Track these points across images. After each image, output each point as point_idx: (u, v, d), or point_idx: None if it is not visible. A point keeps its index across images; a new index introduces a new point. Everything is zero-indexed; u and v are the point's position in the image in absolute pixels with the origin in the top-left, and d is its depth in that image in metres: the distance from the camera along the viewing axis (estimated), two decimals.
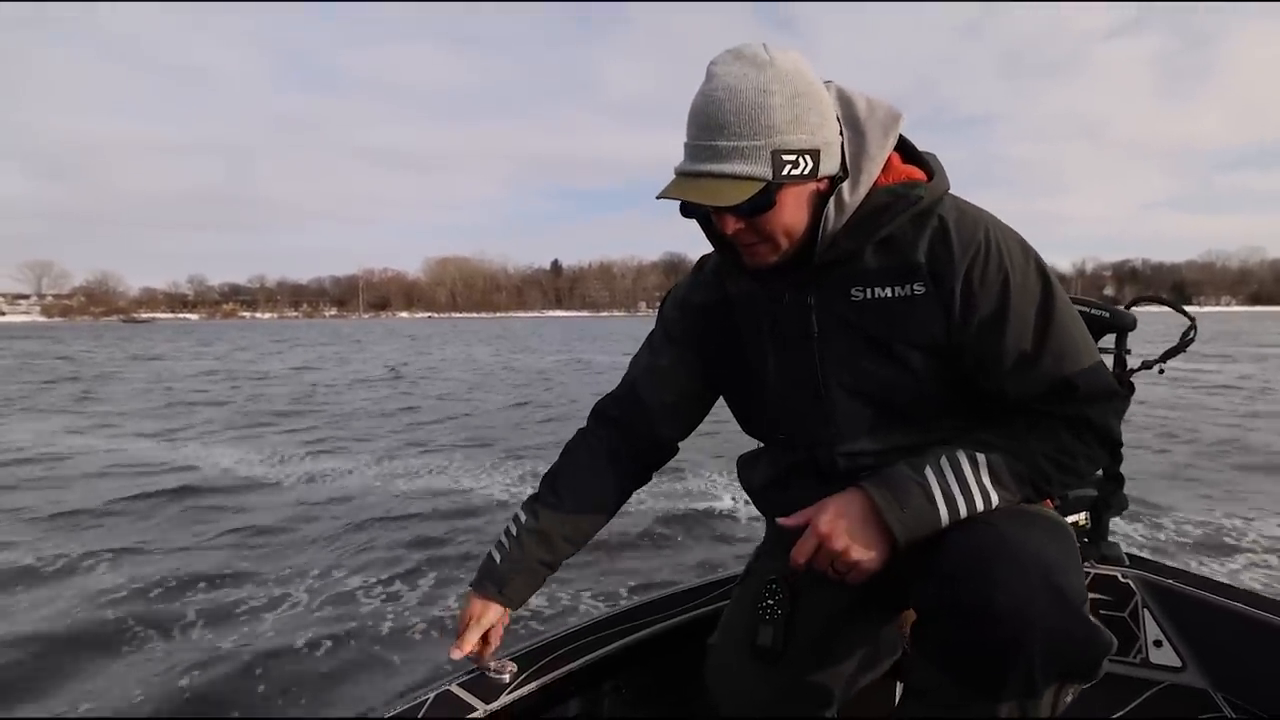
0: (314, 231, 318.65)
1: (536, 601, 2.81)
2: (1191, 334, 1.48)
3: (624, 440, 1.15)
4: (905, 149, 0.95)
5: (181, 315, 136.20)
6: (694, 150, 0.85)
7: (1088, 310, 1.41)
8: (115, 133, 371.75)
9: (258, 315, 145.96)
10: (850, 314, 0.93)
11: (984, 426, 0.91)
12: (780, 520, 0.94)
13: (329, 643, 2.57)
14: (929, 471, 0.86)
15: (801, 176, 0.85)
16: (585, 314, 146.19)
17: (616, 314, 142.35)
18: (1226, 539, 3.58)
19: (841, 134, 0.89)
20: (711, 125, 0.83)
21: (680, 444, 1.20)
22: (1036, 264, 0.90)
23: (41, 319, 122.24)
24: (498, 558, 1.10)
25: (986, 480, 0.85)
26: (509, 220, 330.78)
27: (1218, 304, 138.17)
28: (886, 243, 0.91)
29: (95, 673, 2.38)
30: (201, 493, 4.78)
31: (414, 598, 3.00)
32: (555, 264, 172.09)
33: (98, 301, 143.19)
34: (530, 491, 1.15)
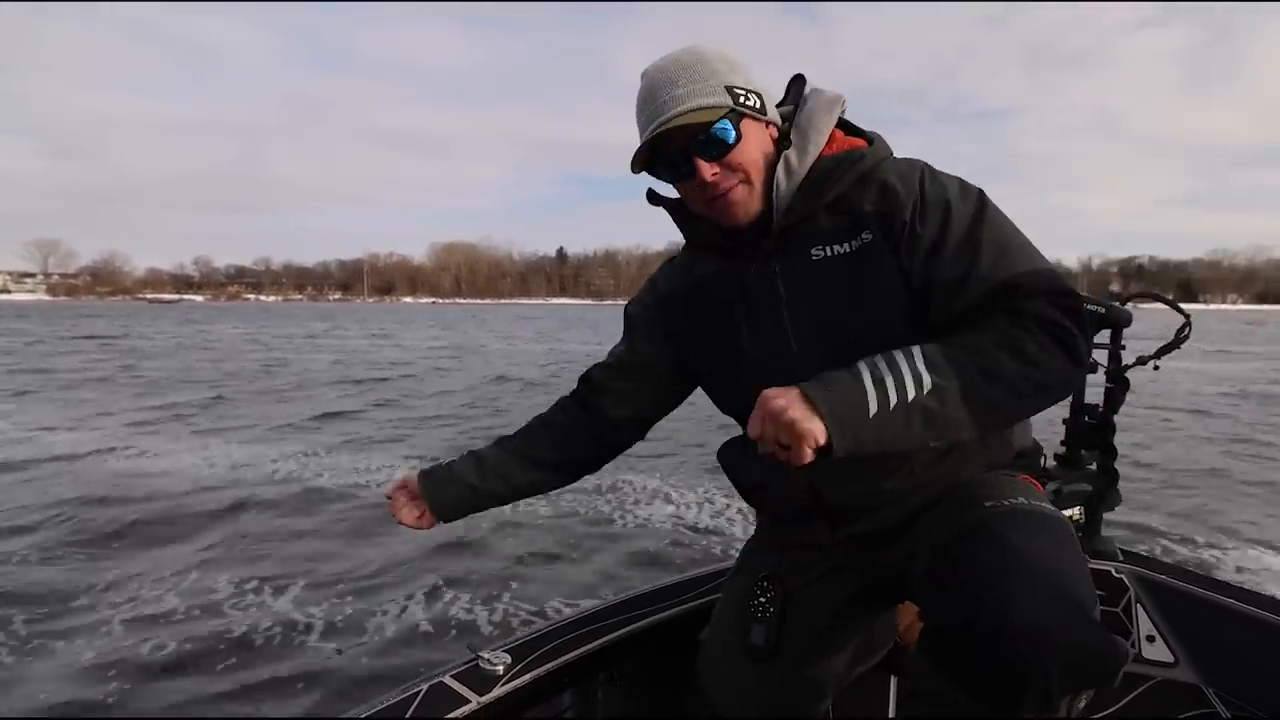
0: (320, 214, 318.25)
1: (527, 594, 2.83)
2: (1186, 331, 1.49)
3: (587, 417, 1.18)
4: (849, 129, 1.02)
5: (186, 296, 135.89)
6: (654, 111, 0.93)
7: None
8: (125, 110, 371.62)
9: (262, 298, 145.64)
10: (813, 273, 0.97)
11: None
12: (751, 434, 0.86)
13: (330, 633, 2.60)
14: (861, 363, 0.85)
15: (755, 110, 0.94)
16: (589, 302, 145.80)
17: (620, 302, 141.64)
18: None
19: (787, 120, 0.99)
20: (664, 84, 0.93)
21: (645, 432, 1.22)
22: (976, 194, 0.94)
23: (47, 298, 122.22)
24: (446, 462, 1.19)
25: (920, 364, 0.83)
26: (516, 207, 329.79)
27: (1224, 302, 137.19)
28: (837, 204, 0.96)
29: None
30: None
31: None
32: (560, 251, 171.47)
33: (104, 281, 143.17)
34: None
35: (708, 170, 0.93)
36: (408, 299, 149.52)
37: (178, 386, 9.86)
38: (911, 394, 0.81)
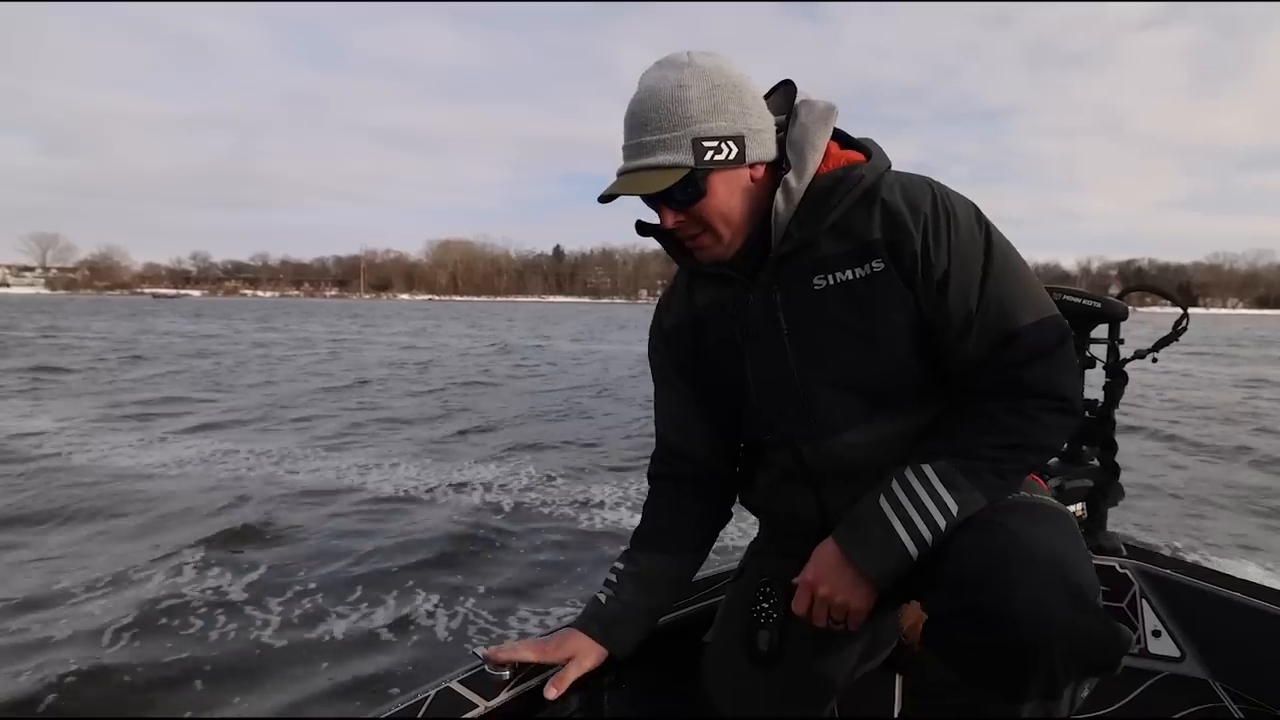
0: (317, 211, 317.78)
1: (531, 600, 2.83)
2: (1184, 323, 1.50)
3: (688, 485, 1.15)
4: (843, 140, 0.98)
5: (184, 291, 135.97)
6: (625, 151, 0.91)
7: (1079, 301, 1.41)
8: (124, 106, 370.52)
9: (259, 293, 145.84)
10: (816, 303, 0.94)
11: (931, 431, 0.93)
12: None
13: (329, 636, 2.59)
14: (883, 501, 0.88)
15: (726, 162, 0.89)
16: (586, 300, 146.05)
17: (618, 300, 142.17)
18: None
19: (782, 130, 0.94)
20: (636, 125, 0.89)
21: (733, 456, 1.17)
22: (985, 225, 0.92)
23: (46, 291, 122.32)
24: (603, 599, 1.09)
25: (940, 489, 0.86)
26: (514, 205, 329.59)
27: (1224, 306, 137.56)
28: (839, 227, 0.92)
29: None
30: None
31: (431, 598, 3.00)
32: (557, 249, 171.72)
33: (101, 276, 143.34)
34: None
35: (669, 218, 0.93)
36: (404, 296, 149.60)
37: (196, 385, 9.73)
38: (943, 525, 0.85)
